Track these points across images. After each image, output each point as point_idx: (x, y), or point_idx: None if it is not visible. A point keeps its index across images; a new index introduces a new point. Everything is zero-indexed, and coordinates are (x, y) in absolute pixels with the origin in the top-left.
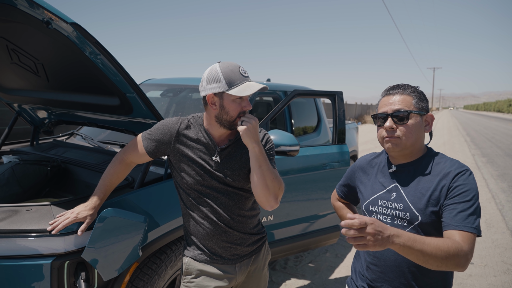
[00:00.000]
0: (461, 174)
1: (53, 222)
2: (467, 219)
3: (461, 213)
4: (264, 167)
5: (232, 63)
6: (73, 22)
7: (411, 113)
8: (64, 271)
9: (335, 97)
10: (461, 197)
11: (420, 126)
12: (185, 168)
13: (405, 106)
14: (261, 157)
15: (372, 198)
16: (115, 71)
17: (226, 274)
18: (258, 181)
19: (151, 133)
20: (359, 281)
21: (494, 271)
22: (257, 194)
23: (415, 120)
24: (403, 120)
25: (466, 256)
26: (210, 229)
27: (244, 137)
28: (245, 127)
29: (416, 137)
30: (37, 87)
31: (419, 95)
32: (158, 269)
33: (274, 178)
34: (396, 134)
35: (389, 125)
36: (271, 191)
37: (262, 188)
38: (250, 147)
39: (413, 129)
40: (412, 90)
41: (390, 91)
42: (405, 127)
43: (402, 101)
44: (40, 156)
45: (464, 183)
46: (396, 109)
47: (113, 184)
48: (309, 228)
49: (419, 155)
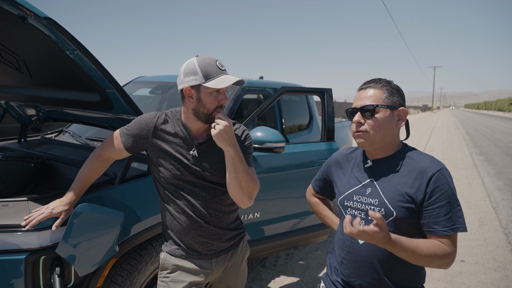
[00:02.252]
0: (438, 175)
1: (27, 217)
2: (449, 221)
3: (443, 217)
4: (239, 169)
5: (209, 57)
6: (46, 16)
7: (377, 107)
8: (40, 266)
9: (324, 94)
10: (439, 199)
11: (390, 120)
12: (162, 163)
13: (373, 101)
14: (237, 160)
15: (348, 193)
16: (93, 66)
17: (203, 269)
18: (232, 183)
19: (129, 128)
20: (334, 276)
21: (485, 269)
22: (231, 193)
23: (383, 114)
24: (371, 114)
25: (451, 258)
26: (186, 224)
27: (217, 141)
28: (216, 131)
29: (384, 131)
30: (20, 83)
31: (391, 89)
32: (138, 265)
33: (249, 180)
34: (364, 128)
35: (356, 119)
36: (245, 192)
37: (236, 189)
38: (224, 150)
39: (381, 123)
40: (384, 84)
41: (363, 86)
42: (373, 120)
43: (372, 95)
44: (24, 152)
45: (442, 184)
46: (364, 104)
47: (89, 180)
48: (298, 225)
49: (394, 150)
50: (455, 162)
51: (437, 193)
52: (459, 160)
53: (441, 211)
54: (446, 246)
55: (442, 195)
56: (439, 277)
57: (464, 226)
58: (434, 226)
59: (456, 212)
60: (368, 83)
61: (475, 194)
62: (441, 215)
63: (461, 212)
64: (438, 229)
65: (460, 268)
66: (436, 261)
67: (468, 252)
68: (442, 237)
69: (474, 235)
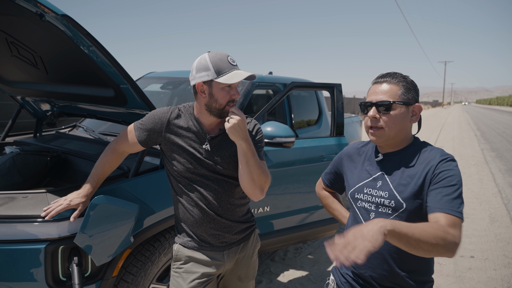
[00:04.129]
0: (445, 161)
1: (47, 209)
2: (452, 202)
3: (446, 197)
4: (251, 162)
5: (221, 53)
6: (63, 14)
7: (394, 103)
8: (58, 256)
9: (334, 89)
10: (445, 181)
11: (405, 116)
12: (175, 156)
13: (389, 97)
14: (249, 153)
15: (358, 186)
16: (108, 62)
17: (214, 261)
18: (244, 176)
19: (143, 123)
20: (344, 269)
21: (495, 265)
22: (243, 186)
23: (399, 110)
24: (386, 110)
25: (454, 240)
26: (199, 216)
27: (230, 135)
28: (230, 124)
29: (399, 127)
30: (37, 79)
31: (407, 85)
32: (151, 256)
33: (261, 173)
34: (379, 124)
35: (372, 114)
36: (257, 185)
37: (248, 182)
38: (237, 144)
39: (396, 119)
40: (400, 79)
41: (379, 79)
42: (388, 117)
43: (388, 91)
44: (40, 147)
45: (448, 169)
46: (380, 99)
47: (105, 173)
48: (307, 220)
49: (405, 144)
50: (466, 158)
51: (441, 175)
52: (469, 156)
53: (442, 191)
54: (446, 227)
55: (446, 178)
56: (448, 272)
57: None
58: (434, 203)
59: (458, 197)
60: (384, 77)
61: (485, 190)
62: (442, 194)
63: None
64: (437, 206)
65: (469, 264)
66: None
67: (478, 248)
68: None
69: (484, 231)
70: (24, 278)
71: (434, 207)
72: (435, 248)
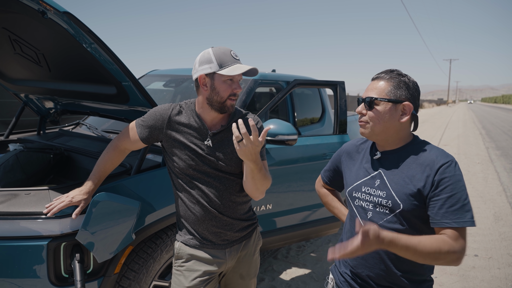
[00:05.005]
0: (446, 166)
1: (49, 206)
2: (457, 214)
3: (450, 208)
4: (256, 177)
5: (224, 47)
6: (65, 11)
7: (376, 99)
8: (61, 253)
9: (337, 87)
10: (448, 190)
11: (391, 114)
12: (177, 153)
13: (376, 93)
14: (256, 171)
15: (356, 184)
16: (110, 60)
17: (216, 259)
18: (248, 185)
19: (144, 120)
20: (342, 267)
21: (499, 264)
22: (245, 188)
23: (384, 107)
24: (369, 106)
25: (459, 254)
26: (200, 214)
27: (240, 155)
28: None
29: (385, 124)
30: (40, 77)
31: (399, 83)
32: (153, 253)
33: (264, 181)
34: (364, 118)
35: (358, 110)
36: (260, 190)
37: (252, 189)
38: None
39: (380, 115)
40: (394, 76)
41: (375, 76)
42: (373, 112)
43: (377, 87)
44: (43, 144)
45: (449, 176)
46: (367, 95)
47: (107, 170)
48: (310, 218)
49: (402, 143)
50: (471, 156)
51: (443, 184)
52: (474, 154)
53: (446, 202)
54: (451, 241)
55: (449, 186)
56: (452, 271)
57: (471, 221)
58: (438, 217)
59: (463, 206)
60: (380, 73)
61: (490, 189)
62: (445, 206)
63: (469, 205)
64: (442, 221)
65: (473, 263)
66: (442, 257)
67: (482, 247)
68: (447, 230)
69: (488, 230)
70: (27, 274)
71: (439, 221)
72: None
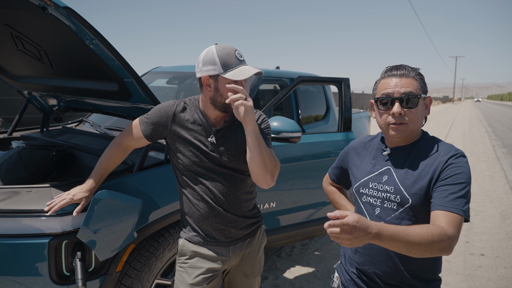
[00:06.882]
0: (455, 157)
1: (50, 203)
2: (456, 200)
3: (451, 194)
4: (262, 145)
5: (228, 46)
6: (66, 6)
7: (421, 97)
8: (62, 251)
9: (341, 84)
10: (453, 179)
11: (422, 110)
12: (181, 150)
13: (413, 90)
14: (260, 136)
15: (363, 180)
16: (111, 56)
17: (220, 256)
18: (255, 160)
19: (148, 117)
20: (348, 266)
21: (505, 263)
22: (254, 172)
23: (421, 104)
24: (412, 104)
25: (451, 240)
26: (205, 211)
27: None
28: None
29: (420, 122)
30: (42, 74)
31: (422, 77)
32: (155, 251)
33: (271, 157)
34: (405, 119)
35: (398, 111)
36: (268, 169)
37: (260, 166)
38: (249, 126)
39: (418, 113)
40: (416, 72)
41: (393, 72)
42: (413, 111)
43: (411, 84)
44: (46, 141)
45: (457, 166)
46: (404, 93)
47: (109, 168)
48: (314, 216)
49: (414, 139)
50: (476, 154)
51: (450, 172)
52: (480, 152)
53: (448, 189)
54: (445, 226)
55: (455, 175)
56: (457, 270)
57: (468, 214)
58: (438, 201)
59: (464, 195)
60: (398, 69)
61: (496, 187)
62: (448, 192)
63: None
64: (439, 204)
65: (479, 262)
66: (435, 245)
67: (488, 246)
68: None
69: (495, 228)
70: (28, 272)
71: (437, 205)
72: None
